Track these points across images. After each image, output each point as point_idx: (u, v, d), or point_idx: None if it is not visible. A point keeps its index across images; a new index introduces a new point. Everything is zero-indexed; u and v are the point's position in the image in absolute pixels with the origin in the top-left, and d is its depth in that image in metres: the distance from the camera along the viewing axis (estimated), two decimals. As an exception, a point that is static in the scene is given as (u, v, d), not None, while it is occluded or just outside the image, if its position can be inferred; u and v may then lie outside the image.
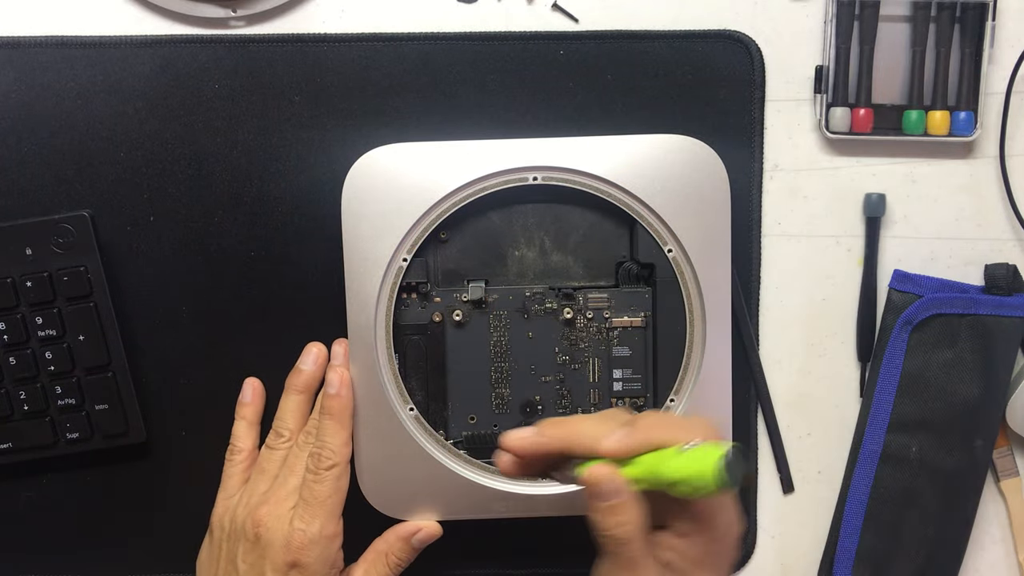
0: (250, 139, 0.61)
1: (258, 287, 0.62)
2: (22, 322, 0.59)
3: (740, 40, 0.61)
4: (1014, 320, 0.61)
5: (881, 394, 0.62)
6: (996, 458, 0.64)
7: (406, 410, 0.59)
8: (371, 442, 0.59)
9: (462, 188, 0.58)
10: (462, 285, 0.60)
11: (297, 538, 0.55)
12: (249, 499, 0.57)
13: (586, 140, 0.58)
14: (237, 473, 0.60)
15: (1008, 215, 0.63)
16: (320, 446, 0.57)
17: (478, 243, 0.60)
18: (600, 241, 0.60)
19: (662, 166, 0.58)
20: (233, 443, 0.60)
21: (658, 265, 0.59)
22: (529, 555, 0.64)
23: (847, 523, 0.63)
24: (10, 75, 0.60)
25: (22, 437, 0.60)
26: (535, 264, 0.60)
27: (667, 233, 0.58)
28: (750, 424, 0.64)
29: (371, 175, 0.58)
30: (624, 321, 0.60)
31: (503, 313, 0.60)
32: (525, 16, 0.62)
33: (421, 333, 0.60)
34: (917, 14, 0.61)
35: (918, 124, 0.61)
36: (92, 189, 0.61)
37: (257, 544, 0.55)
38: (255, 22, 0.61)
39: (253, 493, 0.58)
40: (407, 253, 0.58)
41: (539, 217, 0.60)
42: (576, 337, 0.60)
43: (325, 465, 0.56)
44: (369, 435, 0.59)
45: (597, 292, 0.60)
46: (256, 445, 0.61)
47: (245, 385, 0.62)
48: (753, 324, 0.63)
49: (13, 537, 0.63)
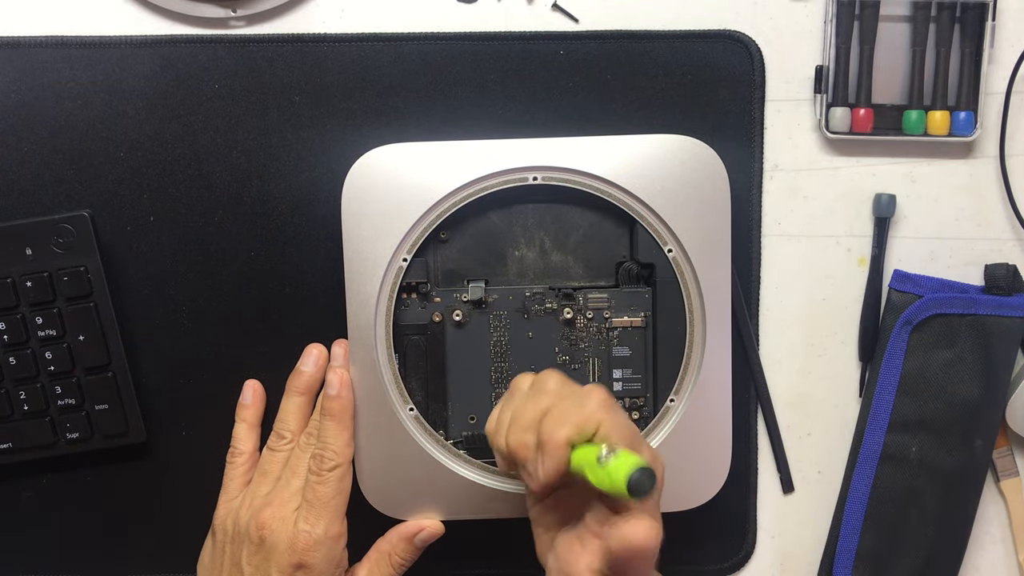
0: (250, 139, 0.61)
1: (258, 287, 0.62)
2: (22, 322, 0.59)
3: (740, 40, 0.61)
4: (1014, 320, 0.61)
5: (881, 394, 0.62)
6: (996, 458, 0.64)
7: (406, 410, 0.59)
8: (371, 442, 0.59)
9: (462, 188, 0.58)
10: (462, 285, 0.60)
11: (302, 539, 0.55)
12: (252, 501, 0.57)
13: (586, 140, 0.58)
14: (239, 475, 0.60)
15: (1008, 215, 0.63)
16: (322, 447, 0.57)
17: (478, 243, 0.60)
18: (600, 241, 0.60)
19: (662, 166, 0.58)
20: (234, 445, 0.60)
21: (658, 265, 0.59)
22: (529, 555, 0.64)
23: (847, 523, 0.63)
24: (10, 75, 0.60)
25: (22, 437, 0.60)
26: (535, 264, 0.60)
27: (667, 233, 0.58)
28: (750, 424, 0.64)
29: (371, 175, 0.58)
30: (624, 321, 0.60)
31: (503, 313, 0.60)
32: (525, 16, 0.62)
33: (421, 333, 0.60)
34: (917, 14, 0.61)
35: (918, 124, 0.61)
36: (92, 189, 0.61)
37: (262, 546, 0.55)
38: (255, 22, 0.61)
39: (256, 495, 0.57)
40: (407, 253, 0.58)
41: (539, 217, 0.60)
42: (576, 337, 0.60)
43: (328, 466, 0.56)
44: (369, 435, 0.59)
45: (597, 292, 0.60)
46: (257, 447, 0.61)
47: (245, 387, 0.62)
48: (753, 324, 0.63)
49: (13, 537, 0.63)
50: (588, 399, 0.49)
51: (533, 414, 0.50)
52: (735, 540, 0.65)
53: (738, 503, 0.64)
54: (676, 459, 0.58)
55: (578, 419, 0.48)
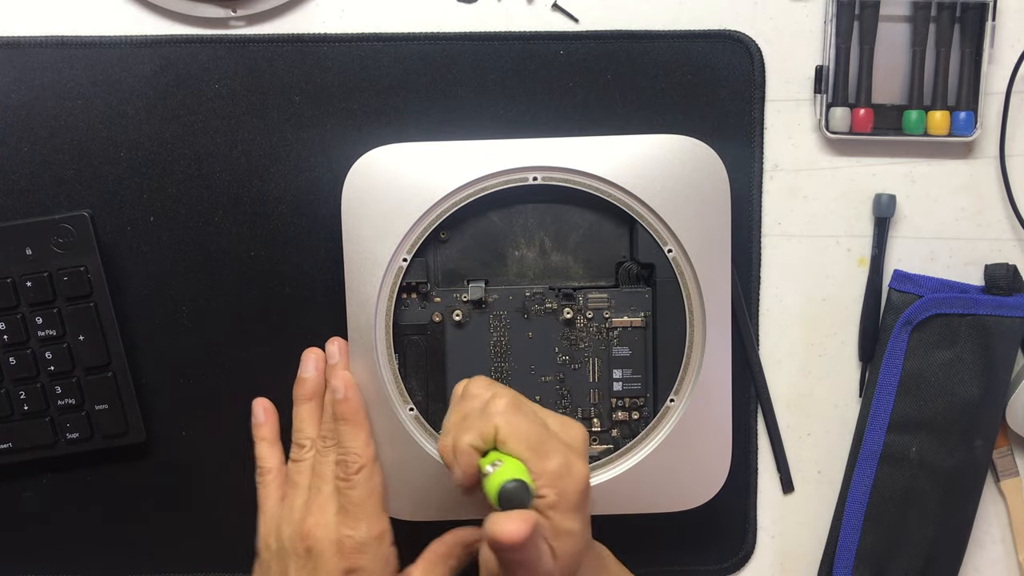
0: (250, 139, 0.61)
1: (258, 287, 0.62)
2: (22, 322, 0.59)
3: (740, 40, 0.61)
4: (1014, 320, 0.61)
5: (881, 394, 0.62)
6: (996, 458, 0.64)
7: (406, 410, 0.59)
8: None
9: (462, 188, 0.58)
10: (462, 285, 0.60)
11: (347, 544, 0.54)
12: (290, 515, 0.57)
13: (586, 140, 0.58)
14: (272, 493, 0.59)
15: (1008, 215, 0.63)
16: (344, 452, 0.56)
17: (478, 243, 0.60)
18: (600, 241, 0.60)
19: (662, 166, 0.58)
20: (260, 464, 0.60)
21: (658, 265, 0.59)
22: None
23: (847, 523, 0.63)
24: (10, 75, 0.60)
25: (22, 437, 0.60)
26: (535, 264, 0.60)
27: (667, 233, 0.58)
28: (750, 424, 0.64)
29: (371, 175, 0.58)
30: (624, 321, 0.60)
31: (503, 313, 0.60)
32: (525, 16, 0.62)
33: (421, 333, 0.60)
34: (917, 14, 0.61)
35: (918, 124, 0.61)
36: (92, 189, 0.61)
37: (309, 557, 0.55)
38: (255, 22, 0.61)
39: (293, 508, 0.57)
40: (407, 253, 0.58)
41: (539, 217, 0.60)
42: (576, 337, 0.60)
43: (353, 470, 0.56)
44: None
45: (597, 292, 0.60)
46: (282, 462, 0.60)
47: (255, 406, 0.61)
48: (753, 324, 0.63)
49: (13, 537, 0.63)
50: (491, 404, 0.50)
51: (454, 419, 0.51)
52: (735, 540, 0.65)
53: (738, 503, 0.64)
54: (676, 459, 0.59)
55: (480, 425, 0.49)
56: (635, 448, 0.59)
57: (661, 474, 0.59)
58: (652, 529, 0.63)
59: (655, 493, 0.59)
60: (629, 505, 0.59)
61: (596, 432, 0.61)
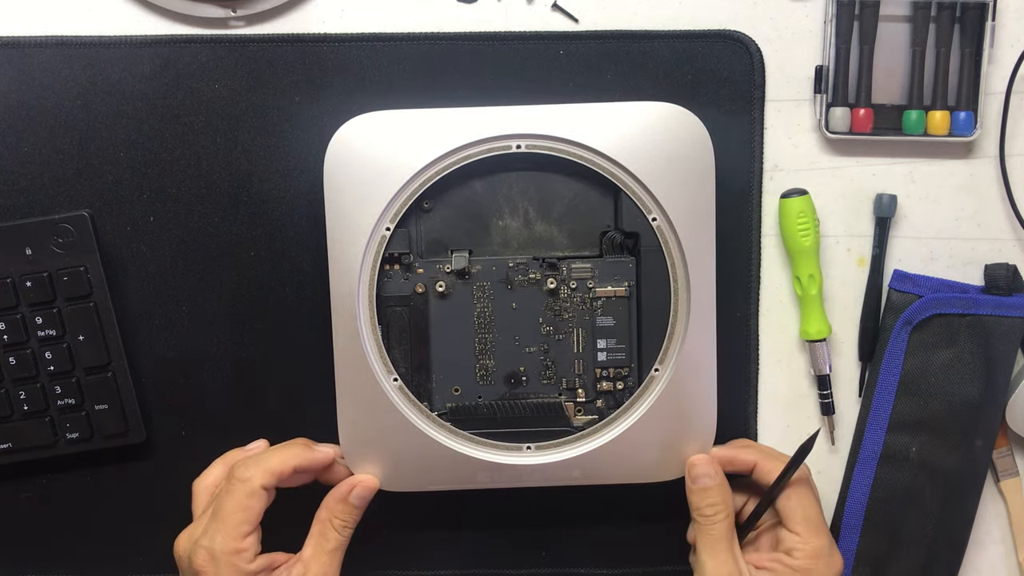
0: (250, 139, 0.61)
1: (257, 287, 0.62)
2: (22, 322, 0.59)
3: (740, 40, 0.61)
4: (1014, 320, 0.61)
5: (881, 394, 0.62)
6: (996, 458, 0.64)
7: (390, 381, 0.58)
8: (355, 413, 0.58)
9: (445, 156, 0.57)
10: (445, 255, 0.60)
11: (199, 554, 0.54)
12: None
13: (570, 107, 0.57)
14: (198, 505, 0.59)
15: (1008, 215, 0.63)
16: (244, 465, 0.55)
17: (461, 213, 0.59)
18: (584, 210, 0.60)
19: (646, 134, 0.57)
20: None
21: (642, 234, 0.58)
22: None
23: (847, 523, 0.63)
24: (10, 75, 0.60)
25: (22, 437, 0.60)
26: (519, 234, 0.60)
27: (651, 201, 0.58)
28: (749, 424, 0.64)
29: (353, 143, 0.57)
30: (608, 291, 0.60)
31: (486, 284, 0.59)
32: (525, 16, 0.62)
33: (404, 305, 0.60)
34: (917, 14, 0.61)
35: (918, 124, 0.61)
36: (92, 189, 0.61)
37: (180, 566, 0.56)
38: (255, 22, 0.61)
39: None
40: (390, 222, 0.58)
41: (523, 186, 0.59)
42: (560, 307, 0.60)
43: (238, 476, 0.55)
44: (353, 406, 0.58)
45: (581, 262, 0.60)
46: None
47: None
48: (753, 324, 0.63)
49: (13, 537, 0.63)
50: None
51: None
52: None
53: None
54: (661, 429, 0.58)
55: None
56: (620, 418, 0.59)
57: (646, 444, 0.59)
58: (652, 529, 0.64)
59: (640, 463, 0.59)
60: (614, 475, 0.59)
61: (581, 403, 0.60)
